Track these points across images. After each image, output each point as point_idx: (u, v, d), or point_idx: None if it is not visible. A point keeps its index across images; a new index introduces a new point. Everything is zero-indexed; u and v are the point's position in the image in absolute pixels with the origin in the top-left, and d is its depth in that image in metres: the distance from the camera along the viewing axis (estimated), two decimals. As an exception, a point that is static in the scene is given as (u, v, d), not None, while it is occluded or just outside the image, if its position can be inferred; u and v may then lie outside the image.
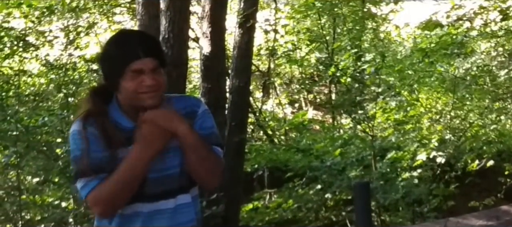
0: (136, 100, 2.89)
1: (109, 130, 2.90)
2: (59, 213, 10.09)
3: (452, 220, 8.47)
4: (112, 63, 2.92)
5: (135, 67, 2.85)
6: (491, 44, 14.62)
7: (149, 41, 2.99)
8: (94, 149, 2.87)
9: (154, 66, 2.87)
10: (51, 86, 12.58)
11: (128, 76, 2.86)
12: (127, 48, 2.89)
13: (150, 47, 2.94)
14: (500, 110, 14.24)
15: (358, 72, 12.59)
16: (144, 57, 2.86)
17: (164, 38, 8.74)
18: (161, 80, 2.91)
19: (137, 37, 3.03)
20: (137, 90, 2.86)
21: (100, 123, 2.90)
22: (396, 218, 11.34)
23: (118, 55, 2.89)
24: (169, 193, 2.98)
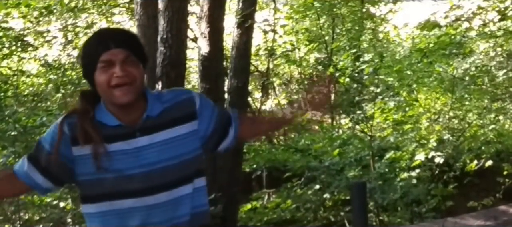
0: (109, 96, 2.85)
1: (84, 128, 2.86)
2: (57, 213, 10.11)
3: (450, 220, 8.49)
4: (86, 58, 2.89)
5: (104, 58, 2.81)
6: (490, 44, 14.61)
7: (121, 34, 2.98)
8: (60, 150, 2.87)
9: (124, 56, 2.82)
10: (49, 86, 12.59)
11: (100, 69, 2.82)
12: (98, 41, 2.88)
13: (122, 39, 2.90)
14: (499, 110, 14.24)
15: (357, 72, 12.59)
16: (114, 48, 2.82)
17: (163, 38, 8.75)
18: (134, 72, 2.85)
19: (110, 31, 3.17)
20: (109, 83, 2.81)
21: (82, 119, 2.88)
22: (394, 218, 11.35)
23: (91, 49, 2.87)
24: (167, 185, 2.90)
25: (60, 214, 10.10)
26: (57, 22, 14.14)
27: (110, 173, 2.85)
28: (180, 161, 2.92)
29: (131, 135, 2.88)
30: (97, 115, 2.90)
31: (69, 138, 2.86)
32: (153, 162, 2.87)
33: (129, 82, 2.82)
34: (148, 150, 2.88)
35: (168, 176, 2.90)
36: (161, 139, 2.90)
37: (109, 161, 2.85)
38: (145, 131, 2.90)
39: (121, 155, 2.86)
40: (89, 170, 2.86)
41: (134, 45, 2.92)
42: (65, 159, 2.87)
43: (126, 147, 2.87)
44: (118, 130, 2.88)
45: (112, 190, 2.86)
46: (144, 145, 2.88)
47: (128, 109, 2.88)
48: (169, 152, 2.91)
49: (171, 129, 2.94)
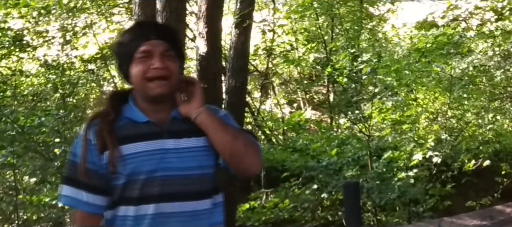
0: (144, 88, 2.80)
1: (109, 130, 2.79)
2: (56, 213, 10.13)
3: (446, 220, 8.49)
4: (123, 49, 2.86)
5: (143, 48, 2.78)
6: (488, 44, 14.63)
7: (162, 26, 3.05)
8: (91, 160, 2.79)
9: (164, 49, 2.79)
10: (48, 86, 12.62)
11: (137, 60, 2.79)
12: (138, 31, 2.86)
13: (163, 31, 2.89)
14: (497, 110, 14.25)
15: (355, 72, 12.60)
16: (154, 39, 2.79)
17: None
18: (172, 67, 2.81)
19: (151, 22, 3.08)
20: (145, 74, 2.77)
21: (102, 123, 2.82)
22: (392, 218, 11.34)
23: (129, 40, 2.84)
24: (185, 195, 2.82)
25: (58, 214, 10.12)
26: (56, 22, 14.15)
27: (139, 175, 2.77)
28: (202, 173, 2.86)
29: (158, 135, 2.82)
30: (126, 112, 2.87)
31: (96, 145, 2.80)
32: (176, 168, 2.81)
33: (166, 76, 2.79)
34: (173, 154, 2.81)
35: (189, 186, 2.82)
36: (186, 145, 2.84)
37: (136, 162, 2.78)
38: (172, 133, 2.83)
39: (147, 155, 2.79)
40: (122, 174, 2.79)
41: (174, 40, 2.91)
42: (97, 167, 2.80)
43: (153, 147, 2.80)
44: (146, 128, 2.82)
45: (140, 193, 2.79)
46: (170, 148, 2.81)
47: (157, 105, 2.84)
48: (192, 161, 2.84)
49: (196, 138, 2.86)
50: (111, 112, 2.85)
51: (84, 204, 2.82)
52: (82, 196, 2.81)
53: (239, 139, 2.87)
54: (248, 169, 2.96)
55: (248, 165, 2.91)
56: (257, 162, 2.95)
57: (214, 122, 2.86)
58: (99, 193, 2.82)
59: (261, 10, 17.06)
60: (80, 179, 2.79)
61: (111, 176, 2.79)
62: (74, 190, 2.82)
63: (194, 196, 2.83)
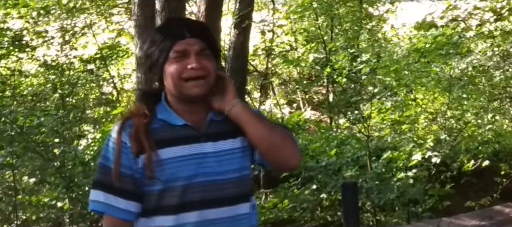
0: (181, 88, 2.67)
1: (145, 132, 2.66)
2: (55, 213, 10.13)
3: (445, 220, 8.50)
4: (157, 48, 2.70)
5: (179, 48, 2.66)
6: (487, 44, 14.64)
7: (197, 23, 2.84)
8: (125, 164, 2.66)
9: (200, 48, 2.67)
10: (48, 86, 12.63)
11: (172, 59, 2.66)
12: (171, 29, 2.73)
13: (198, 29, 2.76)
14: (496, 110, 14.26)
15: (354, 73, 12.60)
16: (190, 37, 2.67)
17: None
18: (209, 66, 2.68)
19: (185, 20, 2.94)
20: (181, 74, 2.65)
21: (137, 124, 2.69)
22: (391, 218, 11.34)
23: (163, 38, 2.70)
24: (226, 200, 2.70)
25: (57, 214, 10.12)
26: (56, 22, 14.17)
27: (177, 181, 2.65)
28: (240, 176, 2.76)
29: (195, 138, 2.70)
30: (160, 114, 2.75)
31: (131, 148, 2.67)
32: (215, 172, 2.69)
33: (203, 76, 2.67)
34: (211, 158, 2.69)
35: (229, 190, 2.71)
36: (223, 148, 2.73)
37: (174, 167, 2.65)
38: (210, 136, 2.72)
39: (185, 160, 2.66)
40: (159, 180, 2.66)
41: (209, 38, 2.78)
42: (131, 171, 2.67)
43: (191, 152, 2.68)
44: (183, 131, 2.70)
45: (180, 201, 2.65)
46: (209, 151, 2.70)
47: (193, 106, 2.73)
48: (230, 163, 2.73)
49: (232, 139, 2.76)
50: (147, 113, 2.72)
51: (117, 209, 2.70)
52: (115, 202, 2.69)
53: (275, 130, 2.76)
54: (287, 161, 2.82)
55: (287, 157, 2.78)
56: (296, 154, 2.82)
57: (249, 113, 2.76)
58: (132, 199, 2.70)
59: (260, 10, 17.09)
60: (112, 184, 2.67)
61: (147, 181, 2.66)
62: (106, 195, 2.69)
63: (235, 200, 2.73)
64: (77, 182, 9.59)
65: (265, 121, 2.81)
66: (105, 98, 14.27)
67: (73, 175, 9.59)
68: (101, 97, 14.30)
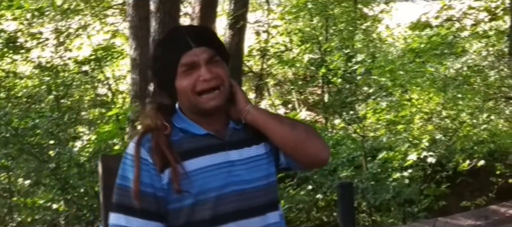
0: (196, 103, 2.45)
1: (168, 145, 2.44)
2: (50, 215, 10.12)
3: (441, 220, 8.51)
4: (162, 64, 2.49)
5: (186, 60, 2.42)
6: (482, 44, 14.67)
7: (200, 30, 2.56)
8: (146, 181, 2.43)
9: (209, 56, 2.43)
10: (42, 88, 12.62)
11: (181, 74, 2.43)
12: (174, 41, 2.48)
13: (202, 35, 2.50)
14: (491, 110, 14.27)
15: (349, 73, 12.62)
16: (196, 47, 2.43)
17: (154, 39, 8.79)
18: (221, 73, 2.45)
19: (185, 28, 2.62)
20: (194, 88, 2.42)
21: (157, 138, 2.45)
22: (387, 218, 11.36)
23: (167, 53, 2.47)
24: (256, 210, 2.50)
25: (52, 216, 10.11)
26: (50, 24, 14.16)
27: (209, 193, 2.43)
28: (268, 183, 2.55)
29: (220, 147, 2.50)
30: (179, 124, 2.52)
31: (153, 164, 2.43)
32: (245, 181, 2.49)
33: (218, 86, 2.45)
34: (239, 166, 2.49)
35: (259, 199, 2.51)
36: (248, 155, 2.53)
37: (203, 178, 2.44)
38: (234, 144, 2.53)
39: (214, 170, 2.45)
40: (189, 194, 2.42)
41: (216, 42, 2.55)
42: (153, 189, 2.43)
43: (219, 160, 2.47)
44: (206, 141, 2.49)
45: (213, 214, 2.44)
46: (235, 159, 2.50)
47: (210, 117, 2.51)
48: (258, 170, 2.54)
49: (255, 146, 2.57)
50: (166, 124, 2.49)
51: None
52: (136, 224, 2.44)
53: (297, 127, 2.58)
54: (317, 156, 2.61)
55: (315, 151, 2.58)
56: (324, 147, 2.63)
57: (266, 114, 2.60)
58: (155, 219, 2.45)
59: (255, 11, 17.09)
60: (134, 205, 2.43)
61: (174, 197, 2.43)
62: (127, 218, 2.44)
63: (265, 208, 2.53)
64: (72, 184, 9.58)
65: (284, 119, 2.68)
66: (100, 100, 14.24)
67: (68, 177, 9.57)
68: (96, 98, 14.28)
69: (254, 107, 2.59)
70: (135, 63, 10.39)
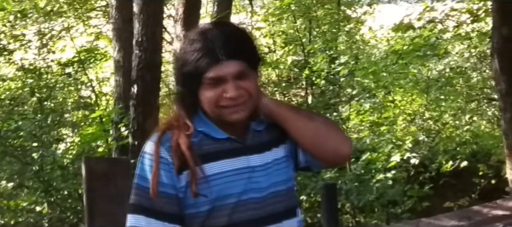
0: (218, 114, 2.31)
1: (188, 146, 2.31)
2: (34, 217, 10.10)
3: (424, 220, 8.50)
4: (187, 70, 2.30)
5: (212, 75, 2.24)
6: (464, 46, 14.75)
7: (232, 39, 2.30)
8: (165, 182, 2.31)
9: (239, 71, 2.26)
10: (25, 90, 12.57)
11: (206, 86, 2.26)
12: (203, 50, 2.26)
13: (236, 46, 2.28)
14: (474, 111, 14.37)
15: (332, 75, 12.65)
16: (226, 60, 2.24)
17: (138, 41, 8.78)
18: (250, 88, 2.30)
19: (217, 35, 2.29)
20: (218, 103, 2.27)
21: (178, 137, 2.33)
22: (371, 219, 11.41)
23: (194, 60, 2.26)
24: (272, 218, 2.36)
25: (36, 218, 10.09)
26: (33, 26, 14.10)
27: (228, 199, 2.31)
28: (287, 188, 2.41)
29: (241, 151, 2.37)
30: (199, 126, 2.38)
31: (172, 164, 2.31)
32: (264, 187, 2.35)
33: (243, 102, 2.30)
34: (259, 172, 2.36)
35: (276, 206, 2.37)
36: (269, 159, 2.39)
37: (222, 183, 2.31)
38: (255, 148, 2.39)
39: (234, 175, 2.33)
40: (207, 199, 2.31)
41: (249, 52, 2.35)
42: (173, 190, 2.32)
43: (239, 165, 2.34)
44: (227, 144, 2.36)
45: (228, 221, 2.31)
46: (257, 165, 2.36)
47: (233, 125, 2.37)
48: (278, 175, 2.40)
49: (275, 148, 2.43)
50: (188, 124, 2.36)
51: None
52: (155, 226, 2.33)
53: (315, 118, 2.44)
54: (338, 150, 2.43)
55: (336, 145, 2.41)
56: (345, 141, 2.47)
57: (282, 106, 2.46)
58: (174, 222, 2.34)
59: (238, 13, 17.08)
60: (154, 206, 2.32)
61: (192, 202, 2.32)
62: (148, 219, 2.33)
63: (284, 215, 2.39)
64: (56, 186, 9.57)
65: (301, 111, 2.52)
66: (84, 102, 14.19)
67: (51, 179, 9.57)
68: (79, 100, 14.23)
69: (270, 99, 2.47)
70: (118, 65, 10.37)
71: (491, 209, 9.02)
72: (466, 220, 8.58)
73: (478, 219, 8.71)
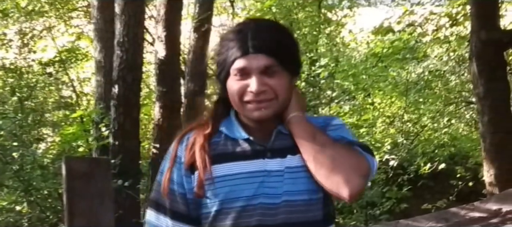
0: (242, 110, 2.25)
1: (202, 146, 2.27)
2: (13, 217, 10.07)
3: (402, 222, 8.57)
4: (219, 60, 2.27)
5: (238, 65, 2.19)
6: (443, 49, 14.85)
7: (267, 33, 2.25)
8: (177, 180, 2.29)
9: (265, 65, 2.18)
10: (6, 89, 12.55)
11: (233, 77, 2.22)
12: (236, 40, 2.23)
13: (266, 40, 2.22)
14: (452, 114, 14.47)
15: (313, 77, 12.70)
16: (253, 53, 2.19)
17: (119, 41, 8.81)
18: (276, 86, 2.21)
19: (251, 27, 2.27)
20: (241, 97, 2.21)
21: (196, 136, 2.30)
22: (349, 220, 11.43)
23: (226, 50, 2.24)
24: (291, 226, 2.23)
25: (16, 218, 10.07)
26: (14, 25, 14.08)
27: (235, 202, 2.23)
28: (309, 199, 2.26)
29: (260, 153, 2.27)
30: (223, 126, 2.33)
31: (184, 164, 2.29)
32: (278, 194, 2.23)
33: (268, 100, 2.22)
34: (275, 177, 2.24)
35: (293, 216, 2.24)
36: (290, 164, 2.26)
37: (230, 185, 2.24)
38: (277, 152, 2.28)
39: (245, 178, 2.24)
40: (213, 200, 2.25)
41: (282, 50, 2.24)
42: (184, 189, 2.28)
43: (253, 168, 2.25)
44: (246, 146, 2.29)
45: (233, 225, 2.23)
46: (273, 169, 2.25)
47: (261, 124, 2.29)
48: (297, 183, 2.25)
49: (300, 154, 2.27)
50: (210, 124, 2.33)
51: None
52: (165, 224, 2.32)
53: (327, 150, 2.23)
54: (336, 189, 2.21)
55: (338, 185, 2.19)
56: (350, 182, 2.19)
57: (303, 128, 2.29)
58: (184, 222, 2.30)
59: (220, 14, 17.12)
60: (163, 203, 2.31)
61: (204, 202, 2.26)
62: (157, 215, 2.34)
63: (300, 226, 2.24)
64: (36, 186, 9.55)
65: (318, 138, 2.27)
66: (64, 102, 14.19)
67: (31, 179, 9.54)
68: (60, 100, 14.22)
69: (298, 117, 2.30)
70: (99, 65, 10.38)
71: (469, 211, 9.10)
72: (443, 221, 8.66)
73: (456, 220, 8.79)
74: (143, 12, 9.63)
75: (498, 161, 9.61)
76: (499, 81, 9.71)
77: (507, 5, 13.70)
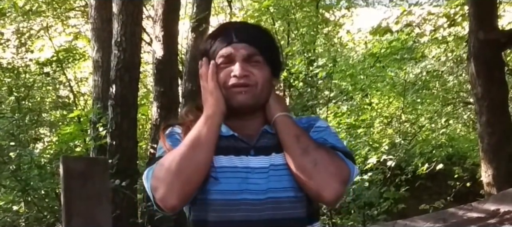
0: (227, 98, 2.29)
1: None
2: (11, 217, 10.06)
3: (400, 222, 8.56)
4: (204, 54, 2.36)
5: (223, 52, 2.30)
6: (441, 50, 14.85)
7: (250, 28, 2.45)
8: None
9: (248, 53, 2.30)
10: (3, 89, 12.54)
11: (219, 66, 2.30)
12: (221, 33, 2.37)
13: (249, 33, 2.37)
14: (450, 115, 14.46)
15: (310, 77, 12.70)
16: (237, 42, 2.31)
17: (117, 41, 8.80)
18: (257, 75, 2.30)
19: (236, 24, 2.54)
20: (226, 83, 2.29)
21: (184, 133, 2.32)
22: (347, 221, 11.44)
23: (210, 43, 2.35)
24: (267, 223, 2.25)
25: (13, 218, 10.05)
26: (11, 25, 14.06)
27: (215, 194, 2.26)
28: (294, 196, 2.28)
29: (244, 150, 2.33)
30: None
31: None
32: (262, 190, 2.26)
33: (248, 84, 2.30)
34: (259, 174, 2.28)
35: (279, 213, 2.26)
36: (274, 162, 2.31)
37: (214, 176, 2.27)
38: (260, 149, 2.33)
39: (230, 172, 2.29)
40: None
41: (263, 44, 2.37)
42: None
43: (238, 164, 2.30)
44: (230, 142, 2.34)
45: (217, 218, 2.27)
46: (257, 166, 2.30)
47: (245, 120, 2.36)
48: (281, 181, 2.29)
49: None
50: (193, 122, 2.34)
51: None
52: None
53: (310, 154, 2.26)
54: (317, 192, 2.24)
55: (315, 186, 2.23)
56: (330, 185, 2.21)
57: (288, 129, 2.33)
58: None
59: (217, 14, 17.13)
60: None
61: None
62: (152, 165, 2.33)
63: (284, 223, 2.26)
64: (33, 185, 9.53)
65: (303, 140, 2.31)
66: (62, 101, 14.18)
67: (29, 179, 9.52)
68: (57, 100, 14.21)
69: (284, 117, 2.36)
70: (97, 65, 10.37)
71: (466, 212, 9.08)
72: (441, 222, 8.65)
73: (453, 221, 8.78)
74: (140, 11, 9.61)
75: (495, 161, 9.61)
76: (497, 82, 9.71)
77: (505, 6, 13.71)
